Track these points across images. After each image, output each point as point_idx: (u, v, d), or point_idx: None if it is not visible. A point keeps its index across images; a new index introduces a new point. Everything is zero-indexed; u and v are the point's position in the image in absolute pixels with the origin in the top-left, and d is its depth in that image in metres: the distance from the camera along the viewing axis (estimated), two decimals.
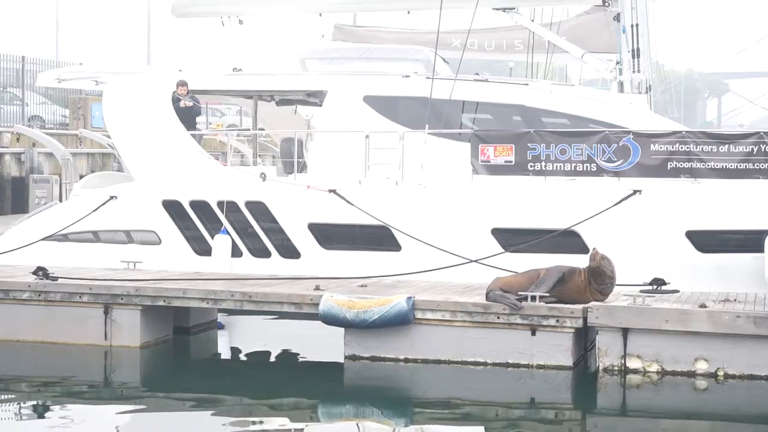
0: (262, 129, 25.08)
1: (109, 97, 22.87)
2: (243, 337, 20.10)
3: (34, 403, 14.97)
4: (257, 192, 21.12)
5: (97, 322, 17.86)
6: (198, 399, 15.24)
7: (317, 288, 17.54)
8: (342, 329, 16.77)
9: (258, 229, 21.09)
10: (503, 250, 19.67)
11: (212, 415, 14.34)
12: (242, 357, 18.64)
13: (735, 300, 16.50)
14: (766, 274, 18.61)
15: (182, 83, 22.33)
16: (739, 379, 15.44)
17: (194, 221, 21.39)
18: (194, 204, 21.39)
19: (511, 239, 19.74)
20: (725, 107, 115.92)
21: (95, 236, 21.88)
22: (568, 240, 19.39)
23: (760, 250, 18.71)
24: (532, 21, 24.40)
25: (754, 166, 19.25)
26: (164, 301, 17.79)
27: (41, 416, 14.29)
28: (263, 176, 21.20)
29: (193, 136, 22.29)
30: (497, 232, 19.88)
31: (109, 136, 23.67)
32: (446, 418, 14.35)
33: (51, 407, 14.74)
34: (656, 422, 14.16)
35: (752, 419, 14.20)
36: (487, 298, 16.49)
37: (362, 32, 27.89)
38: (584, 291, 16.41)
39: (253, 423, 14.00)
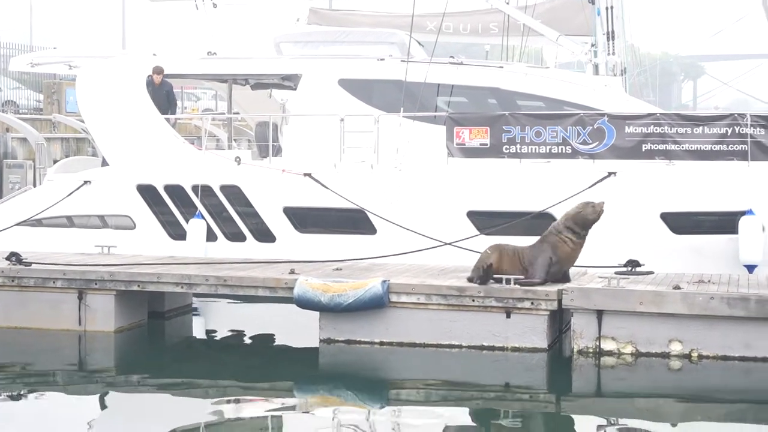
0: (237, 113, 25.03)
1: (82, 82, 22.78)
2: (218, 321, 20.05)
3: (8, 389, 14.88)
4: (232, 176, 21.08)
5: (71, 308, 17.76)
6: (173, 383, 15.21)
7: (292, 272, 17.50)
8: (317, 313, 16.74)
9: (233, 213, 21.07)
10: (478, 233, 19.70)
11: (187, 399, 14.32)
12: (217, 341, 18.59)
13: (709, 281, 16.53)
14: (741, 255, 18.76)
15: (158, 70, 22.24)
16: (713, 360, 15.48)
17: (169, 205, 21.34)
18: (169, 188, 21.34)
19: (487, 222, 19.78)
20: (700, 90, 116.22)
21: (69, 221, 21.83)
22: (543, 222, 19.36)
23: (734, 231, 18.85)
24: (507, 4, 24.39)
25: (728, 147, 19.33)
26: (138, 285, 17.69)
27: (15, 402, 14.20)
28: (238, 160, 21.16)
29: (168, 120, 22.22)
30: (472, 215, 19.91)
31: (83, 121, 23.59)
32: (421, 400, 14.35)
33: (25, 393, 14.66)
34: (631, 403, 14.19)
35: (726, 400, 14.24)
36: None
37: (337, 15, 27.84)
38: (579, 247, 16.44)
39: (229, 407, 13.96)
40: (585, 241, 16.50)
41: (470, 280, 16.43)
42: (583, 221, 16.48)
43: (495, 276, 16.29)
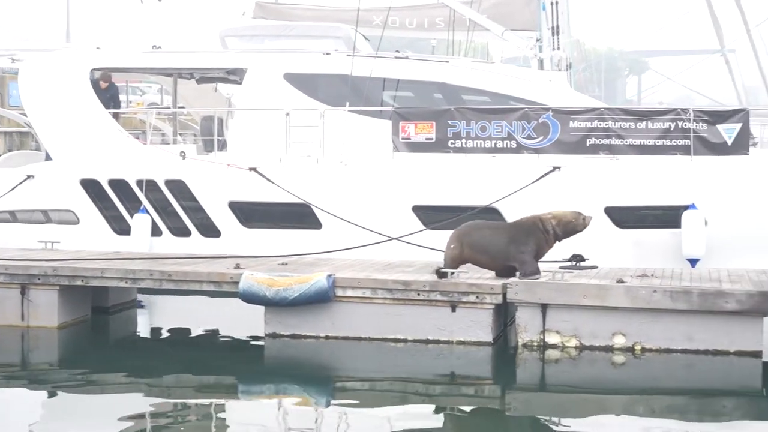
0: (182, 107, 24.91)
1: (26, 75, 22.59)
2: (162, 316, 19.97)
3: None
4: (177, 170, 20.98)
5: (13, 303, 17.62)
6: (117, 379, 15.11)
7: (237, 266, 17.46)
8: (262, 307, 16.71)
9: (178, 208, 20.98)
10: (424, 228, 19.74)
11: (131, 395, 14.22)
12: (162, 336, 18.52)
13: (652, 275, 16.67)
14: (683, 249, 18.93)
15: (106, 78, 22.18)
16: (656, 353, 15.61)
17: (113, 200, 21.21)
18: (113, 183, 21.20)
19: (432, 216, 19.82)
20: (645, 85, 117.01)
21: (12, 216, 21.64)
22: (488, 217, 19.47)
23: (677, 225, 19.01)
24: None
25: (671, 142, 19.48)
26: (82, 281, 17.58)
27: None
28: (183, 154, 21.07)
29: (112, 114, 22.08)
30: (418, 210, 19.95)
31: (26, 115, 23.35)
32: (367, 395, 14.37)
33: None
34: (575, 396, 14.28)
35: (668, 393, 14.36)
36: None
37: (283, 9, 27.74)
38: (552, 241, 16.62)
39: (173, 403, 13.91)
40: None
41: (441, 274, 16.43)
42: (571, 231, 16.65)
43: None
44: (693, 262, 18.92)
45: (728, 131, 19.31)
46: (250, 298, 16.60)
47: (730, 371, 15.16)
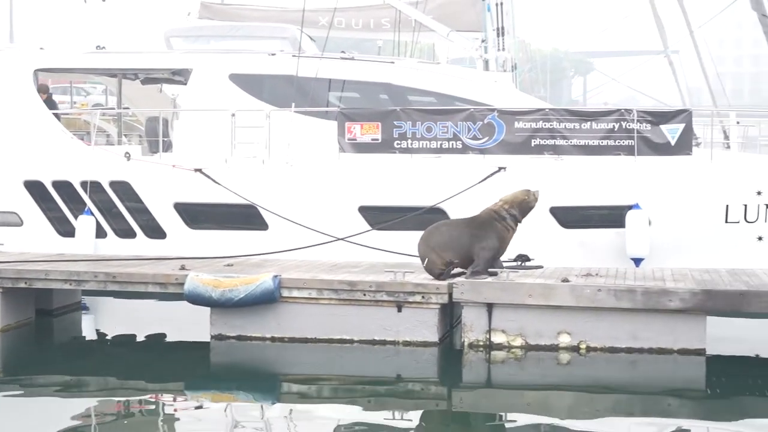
0: (127, 108, 24.76)
1: None
2: (107, 318, 19.83)
3: None
4: (122, 171, 20.87)
5: None
6: (61, 382, 14.98)
7: (182, 267, 17.38)
8: (208, 309, 16.65)
9: (123, 209, 20.86)
10: (370, 228, 19.76)
11: (76, 398, 14.11)
12: (107, 339, 18.39)
13: (597, 274, 16.78)
14: (627, 249, 19.07)
15: (44, 89, 22.05)
16: (601, 351, 15.71)
17: (57, 202, 21.06)
18: (57, 184, 21.06)
19: (378, 217, 19.85)
20: (590, 85, 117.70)
21: None
22: (434, 217, 19.51)
23: (622, 225, 19.15)
24: None
25: (615, 143, 19.63)
26: (25, 282, 17.42)
27: None
28: (128, 155, 20.95)
29: (56, 115, 21.93)
30: (364, 210, 19.97)
31: None
32: (313, 396, 14.35)
33: None
34: (520, 396, 14.33)
35: (613, 391, 14.44)
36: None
37: (228, 10, 27.66)
38: (514, 226, 16.83)
39: (119, 406, 13.81)
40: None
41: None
42: (527, 208, 16.88)
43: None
44: (637, 261, 19.07)
45: (671, 132, 19.50)
46: (196, 299, 16.53)
47: (674, 369, 15.29)
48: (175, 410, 13.74)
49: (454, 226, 16.97)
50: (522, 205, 16.81)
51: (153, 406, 13.79)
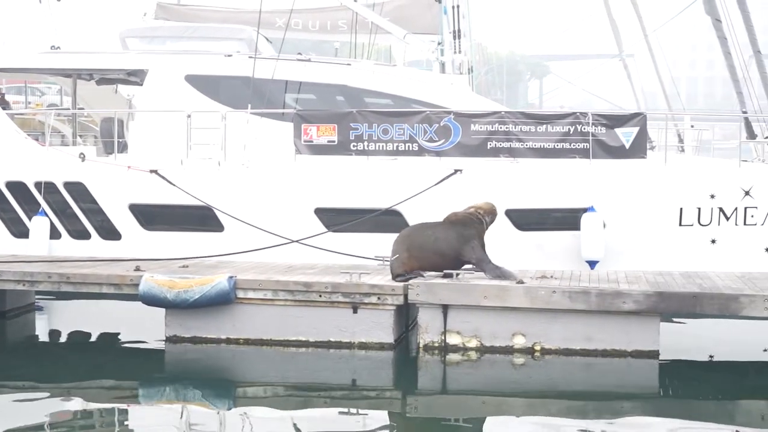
0: (82, 108, 24.59)
1: None
2: (62, 320, 19.72)
3: None
4: (76, 172, 20.73)
5: None
6: (14, 385, 14.87)
7: (137, 268, 17.32)
8: (163, 310, 16.59)
9: (77, 211, 20.72)
10: (326, 230, 19.74)
11: (29, 401, 14.01)
12: (61, 340, 18.30)
13: (552, 276, 16.86)
14: (582, 251, 19.16)
15: None
16: (555, 353, 15.80)
17: (10, 202, 20.89)
18: (10, 185, 20.89)
19: (334, 219, 19.82)
20: (546, 88, 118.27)
21: None
22: (390, 219, 19.56)
23: (577, 228, 19.23)
24: (355, 1, 24.47)
25: (570, 146, 19.70)
26: None
27: None
28: (82, 156, 20.82)
29: (9, 115, 21.76)
30: (320, 212, 19.93)
31: None
32: (268, 398, 14.33)
33: None
34: (475, 397, 14.37)
35: (567, 393, 14.52)
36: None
37: (185, 11, 27.56)
38: (485, 232, 17.03)
39: (73, 408, 13.73)
40: None
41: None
42: (494, 218, 17.20)
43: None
44: (592, 263, 19.15)
45: (626, 135, 19.61)
46: (151, 300, 16.48)
47: (627, 371, 15.39)
48: (130, 413, 13.69)
49: (438, 228, 16.96)
50: (492, 215, 17.04)
51: (107, 409, 13.71)
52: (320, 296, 16.28)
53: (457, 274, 16.37)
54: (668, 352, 15.84)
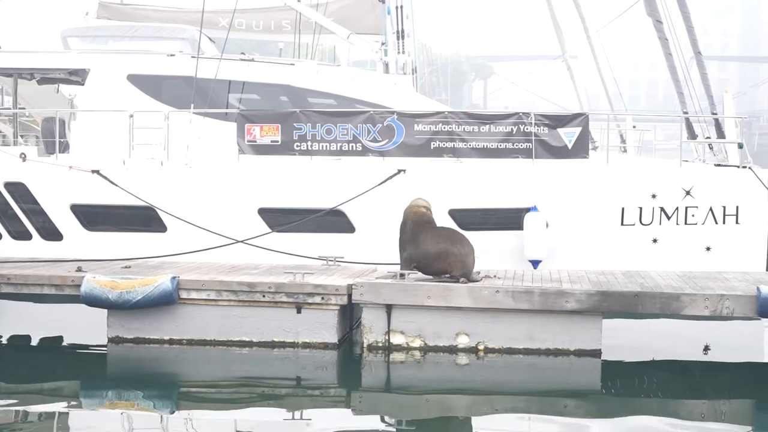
0: (23, 108, 24.36)
1: None
2: (1, 321, 19.50)
3: None
4: (17, 173, 20.54)
5: None
6: None
7: (79, 269, 17.19)
8: (105, 311, 16.48)
9: (18, 211, 20.53)
10: (270, 230, 19.70)
11: None
12: (1, 342, 18.10)
13: (495, 276, 16.93)
14: (525, 251, 19.25)
15: None
16: (498, 352, 15.87)
17: None
18: None
19: (278, 219, 19.79)
20: (491, 89, 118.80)
21: None
22: (334, 219, 19.57)
23: (520, 227, 19.33)
24: (299, 1, 24.44)
25: (513, 146, 19.79)
26: None
27: None
28: (23, 156, 20.62)
29: None
30: (264, 212, 19.89)
31: None
32: (212, 399, 14.28)
33: None
34: (419, 397, 14.39)
35: (511, 392, 14.59)
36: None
37: (127, 10, 27.39)
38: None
39: (13, 410, 13.59)
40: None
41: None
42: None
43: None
44: (535, 263, 19.25)
45: (568, 135, 19.73)
46: (92, 301, 16.37)
47: (570, 370, 15.49)
48: (71, 415, 13.58)
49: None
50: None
51: (49, 412, 13.59)
52: (264, 296, 16.25)
53: (402, 275, 16.38)
54: (610, 350, 15.96)
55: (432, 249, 16.36)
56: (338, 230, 19.55)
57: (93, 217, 20.41)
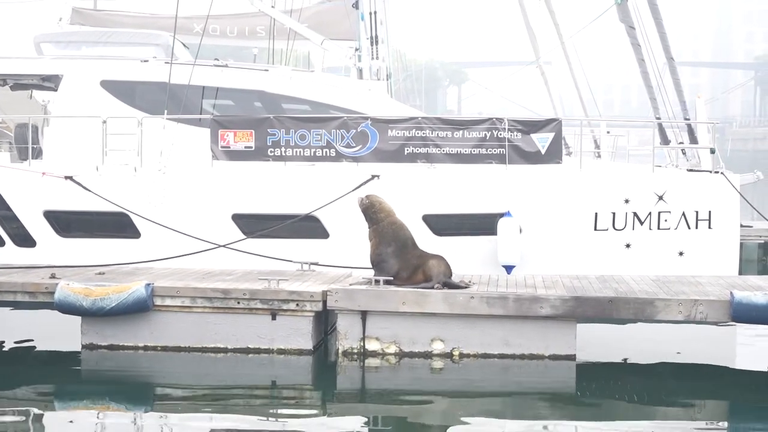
0: None
1: None
2: None
3: None
4: None
5: None
6: None
7: (53, 276, 17.12)
8: (79, 318, 16.42)
9: None
10: (244, 236, 19.69)
11: None
12: None
13: (470, 282, 16.95)
14: (499, 256, 19.30)
15: None
16: (473, 358, 15.89)
17: None
18: None
19: (252, 225, 19.80)
20: (464, 94, 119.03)
21: None
22: (308, 225, 19.58)
23: (493, 233, 19.38)
24: (273, 7, 24.44)
25: (487, 151, 19.86)
26: None
27: None
28: None
29: None
30: (238, 218, 19.89)
31: None
32: (187, 406, 14.20)
33: None
34: (395, 403, 14.37)
35: (486, 397, 14.59)
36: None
37: (101, 16, 27.35)
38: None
39: None
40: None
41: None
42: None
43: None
44: (509, 268, 19.30)
45: (541, 140, 19.81)
46: (67, 308, 16.30)
47: (545, 375, 15.51)
48: (45, 423, 13.49)
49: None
50: None
51: (22, 419, 13.51)
52: (238, 303, 16.23)
53: (378, 281, 16.39)
54: (585, 355, 16.01)
55: (414, 262, 16.45)
56: (312, 236, 19.56)
57: (66, 223, 20.36)
